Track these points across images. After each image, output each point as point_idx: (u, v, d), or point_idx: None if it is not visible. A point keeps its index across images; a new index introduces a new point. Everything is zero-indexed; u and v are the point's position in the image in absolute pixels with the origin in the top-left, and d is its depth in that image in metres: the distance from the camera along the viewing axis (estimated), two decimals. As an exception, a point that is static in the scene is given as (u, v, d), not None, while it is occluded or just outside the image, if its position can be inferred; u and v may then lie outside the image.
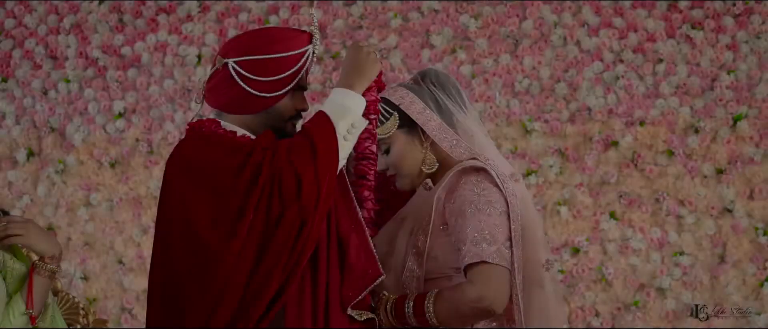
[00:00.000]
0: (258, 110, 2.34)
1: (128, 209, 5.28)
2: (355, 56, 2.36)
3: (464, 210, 2.24)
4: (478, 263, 2.19)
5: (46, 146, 5.37)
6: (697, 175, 5.02)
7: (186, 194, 2.24)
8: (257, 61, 2.32)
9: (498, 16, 5.21)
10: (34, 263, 2.31)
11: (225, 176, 2.20)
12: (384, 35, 5.24)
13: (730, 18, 5.08)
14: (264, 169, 2.17)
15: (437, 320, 2.19)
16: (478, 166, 2.31)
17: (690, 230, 4.99)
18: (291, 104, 2.35)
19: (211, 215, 2.18)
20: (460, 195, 2.27)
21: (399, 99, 2.41)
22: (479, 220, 2.22)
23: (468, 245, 2.20)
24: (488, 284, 2.18)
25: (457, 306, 2.19)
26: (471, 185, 2.27)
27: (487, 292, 2.18)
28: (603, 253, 5.04)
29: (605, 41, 5.12)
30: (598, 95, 5.11)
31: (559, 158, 5.11)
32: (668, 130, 5.06)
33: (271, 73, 2.31)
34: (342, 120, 2.25)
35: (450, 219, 2.27)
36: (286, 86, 2.31)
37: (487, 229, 2.21)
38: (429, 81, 2.44)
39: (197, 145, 2.33)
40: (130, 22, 5.41)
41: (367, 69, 2.35)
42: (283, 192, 2.15)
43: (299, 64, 2.32)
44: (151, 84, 5.35)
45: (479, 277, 2.19)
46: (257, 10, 5.33)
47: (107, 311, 5.21)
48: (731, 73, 5.04)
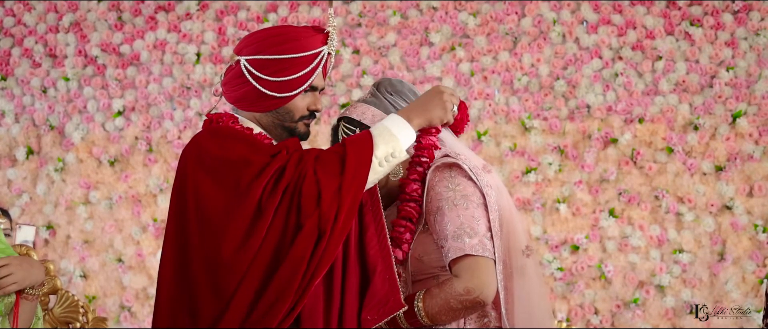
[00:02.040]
0: (269, 109, 2.32)
1: (127, 207, 5.28)
2: (430, 95, 2.31)
3: (441, 207, 2.26)
4: (462, 257, 2.21)
5: (46, 144, 5.38)
6: (696, 172, 5.02)
7: (202, 188, 2.18)
8: (269, 60, 2.29)
9: (497, 14, 5.21)
10: (21, 292, 2.48)
11: (246, 174, 2.14)
12: (383, 33, 5.24)
13: (728, 15, 5.08)
14: (287, 173, 2.13)
15: (428, 318, 2.21)
16: (449, 162, 2.32)
17: (689, 228, 4.99)
18: (303, 104, 2.33)
19: (228, 212, 2.13)
20: (436, 193, 2.29)
21: (360, 115, 2.41)
22: (457, 215, 2.24)
23: (450, 241, 2.22)
24: (474, 276, 2.20)
25: (447, 301, 2.20)
26: (445, 182, 2.29)
27: (474, 284, 2.19)
28: (602, 251, 5.04)
29: (604, 38, 5.12)
30: (597, 93, 5.11)
31: (558, 156, 5.11)
32: (667, 127, 5.06)
33: (282, 73, 2.28)
34: (384, 145, 2.19)
35: (429, 218, 2.29)
36: (298, 87, 2.29)
37: (467, 222, 2.23)
38: (384, 90, 2.45)
39: (217, 139, 2.24)
40: (129, 21, 5.41)
41: (433, 109, 2.29)
42: (303, 202, 2.11)
43: (312, 65, 2.29)
44: (150, 82, 5.35)
45: (465, 271, 2.20)
46: (256, 8, 5.34)
47: (107, 309, 5.21)
48: (730, 70, 5.04)
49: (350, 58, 5.26)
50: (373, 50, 5.25)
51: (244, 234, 2.12)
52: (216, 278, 2.13)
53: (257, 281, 2.11)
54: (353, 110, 2.43)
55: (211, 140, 2.24)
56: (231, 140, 2.22)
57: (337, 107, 5.24)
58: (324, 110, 5.23)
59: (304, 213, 2.11)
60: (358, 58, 5.26)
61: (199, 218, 2.18)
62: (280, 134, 2.36)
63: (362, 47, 5.25)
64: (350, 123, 2.41)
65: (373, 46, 5.26)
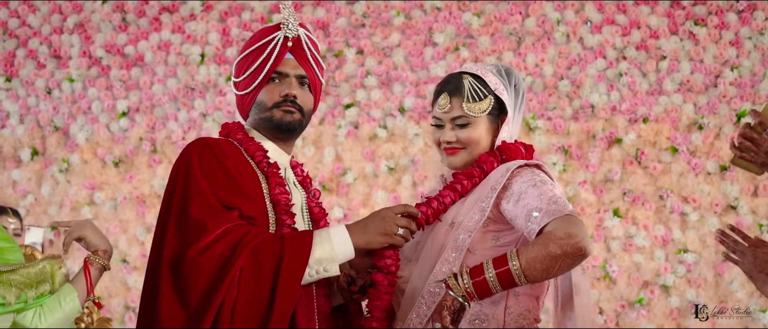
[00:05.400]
0: (248, 108, 2.38)
1: (132, 208, 5.29)
2: (373, 218, 2.27)
3: (525, 189, 2.25)
4: (563, 216, 2.16)
5: (50, 145, 5.39)
6: (700, 172, 5.01)
7: (172, 204, 2.25)
8: (237, 65, 2.40)
9: (500, 14, 5.20)
10: (87, 257, 2.62)
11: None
12: (387, 33, 5.24)
13: (733, 14, 5.07)
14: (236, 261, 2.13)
15: (523, 271, 2.12)
16: (531, 163, 2.36)
17: (694, 228, 4.98)
18: (273, 92, 2.35)
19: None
20: (516, 183, 2.29)
21: (495, 84, 2.42)
22: (543, 191, 2.23)
23: (544, 209, 2.18)
24: (575, 227, 2.14)
25: (546, 245, 2.12)
26: (528, 175, 2.30)
27: (575, 231, 2.13)
28: (607, 251, 5.04)
29: (608, 38, 5.12)
30: (602, 93, 5.11)
31: (562, 156, 5.10)
32: (672, 127, 5.05)
33: (246, 70, 2.36)
34: (321, 252, 2.19)
35: (509, 204, 2.27)
36: (258, 75, 2.34)
37: (555, 197, 2.21)
38: (514, 80, 2.46)
39: (203, 168, 2.26)
40: (133, 22, 5.42)
41: (371, 234, 2.24)
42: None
43: (266, 53, 2.34)
44: (155, 83, 5.36)
45: (564, 222, 2.15)
46: (260, 9, 5.34)
47: (111, 309, 5.22)
48: (734, 70, 5.03)
49: (354, 58, 5.26)
50: (377, 51, 5.25)
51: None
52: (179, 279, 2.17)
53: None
54: (487, 75, 2.41)
55: (199, 169, 2.25)
56: (207, 182, 2.22)
57: (342, 107, 5.24)
58: (328, 110, 5.24)
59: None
60: (362, 59, 5.26)
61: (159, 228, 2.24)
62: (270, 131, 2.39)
63: (366, 48, 5.25)
64: (483, 85, 2.40)
65: (377, 47, 5.26)
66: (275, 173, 2.33)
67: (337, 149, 5.20)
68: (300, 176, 2.47)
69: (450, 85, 2.41)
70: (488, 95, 2.40)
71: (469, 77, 2.40)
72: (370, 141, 5.21)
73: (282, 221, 2.27)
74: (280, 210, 2.28)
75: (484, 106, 2.40)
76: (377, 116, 5.21)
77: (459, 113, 2.39)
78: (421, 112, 5.17)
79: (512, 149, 2.42)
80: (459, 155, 2.42)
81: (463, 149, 2.41)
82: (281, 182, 2.32)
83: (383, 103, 5.21)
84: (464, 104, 2.38)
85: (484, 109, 2.39)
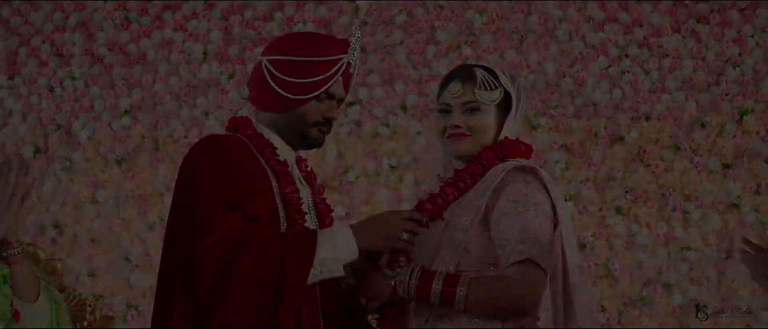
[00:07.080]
0: (283, 110, 2.35)
1: (134, 206, 5.29)
2: (377, 219, 2.28)
3: (511, 209, 2.27)
4: (525, 261, 2.20)
5: (53, 143, 5.38)
6: (703, 170, 5.01)
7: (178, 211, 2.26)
8: (288, 62, 2.33)
9: (503, 12, 5.20)
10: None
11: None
12: (389, 31, 5.24)
13: (735, 12, 5.06)
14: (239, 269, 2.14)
15: (465, 305, 2.18)
16: (528, 166, 2.36)
17: (696, 226, 4.98)
18: (318, 110, 2.35)
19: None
20: (508, 192, 2.30)
21: (504, 80, 2.45)
22: (526, 219, 2.24)
23: (513, 243, 2.22)
24: (531, 285, 2.20)
25: (496, 298, 2.19)
26: (520, 185, 2.31)
27: (528, 293, 2.19)
28: (609, 249, 5.03)
29: (610, 36, 5.11)
30: (604, 90, 5.10)
31: (564, 154, 5.10)
32: (674, 125, 5.05)
33: (299, 75, 2.32)
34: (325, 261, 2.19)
35: (494, 214, 2.29)
36: (313, 91, 2.32)
37: (533, 230, 2.24)
38: (517, 83, 2.50)
39: (210, 173, 2.25)
40: (135, 20, 5.41)
41: (374, 239, 2.24)
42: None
43: (330, 71, 2.32)
44: (157, 81, 5.35)
45: (524, 276, 2.20)
46: (262, 7, 5.34)
47: (114, 308, 5.22)
48: (737, 68, 5.03)
49: (356, 56, 5.25)
50: (379, 48, 5.25)
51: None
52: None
53: None
54: (498, 70, 2.45)
55: (206, 168, 2.25)
56: (213, 182, 2.22)
57: (344, 105, 5.22)
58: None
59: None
60: (364, 57, 5.25)
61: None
62: (295, 139, 2.37)
63: (368, 46, 5.24)
64: (494, 77, 2.43)
65: (379, 45, 5.25)
66: (285, 171, 2.33)
67: (339, 147, 5.20)
68: (304, 172, 2.47)
69: (462, 73, 2.46)
70: (499, 87, 2.43)
71: (481, 69, 2.45)
72: (373, 139, 5.21)
73: (294, 220, 2.27)
74: (292, 209, 2.28)
75: (495, 95, 2.44)
76: (380, 114, 5.21)
77: (471, 98, 2.42)
78: (424, 110, 5.17)
79: (513, 146, 2.43)
80: (464, 141, 2.43)
81: (469, 137, 2.43)
82: (291, 180, 2.32)
83: (385, 101, 5.21)
84: (476, 91, 2.42)
85: (494, 98, 2.43)
